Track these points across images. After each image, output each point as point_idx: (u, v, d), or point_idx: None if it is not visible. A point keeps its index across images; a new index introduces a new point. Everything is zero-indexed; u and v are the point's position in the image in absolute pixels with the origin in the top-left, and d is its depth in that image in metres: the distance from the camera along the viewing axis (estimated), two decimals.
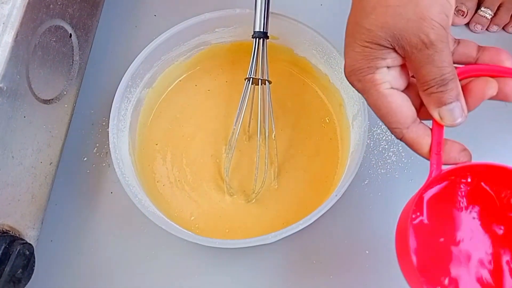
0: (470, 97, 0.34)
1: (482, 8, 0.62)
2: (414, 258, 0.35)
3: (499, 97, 0.34)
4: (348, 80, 0.35)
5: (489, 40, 0.63)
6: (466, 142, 0.37)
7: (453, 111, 0.33)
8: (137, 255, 0.53)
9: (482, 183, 0.38)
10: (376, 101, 0.34)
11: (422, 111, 0.35)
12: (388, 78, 0.34)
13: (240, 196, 0.53)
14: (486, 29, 0.63)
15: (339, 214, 0.53)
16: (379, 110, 0.34)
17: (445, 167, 0.36)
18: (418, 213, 0.37)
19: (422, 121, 0.35)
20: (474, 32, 0.63)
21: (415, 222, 0.37)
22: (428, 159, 0.35)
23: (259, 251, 0.52)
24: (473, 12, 0.62)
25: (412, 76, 0.35)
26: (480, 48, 0.36)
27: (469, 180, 0.38)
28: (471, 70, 0.35)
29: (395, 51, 0.33)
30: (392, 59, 0.33)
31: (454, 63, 0.34)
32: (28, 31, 0.43)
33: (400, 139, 0.35)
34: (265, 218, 0.52)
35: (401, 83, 0.35)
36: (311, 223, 0.44)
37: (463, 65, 0.35)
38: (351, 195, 0.53)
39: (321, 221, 0.45)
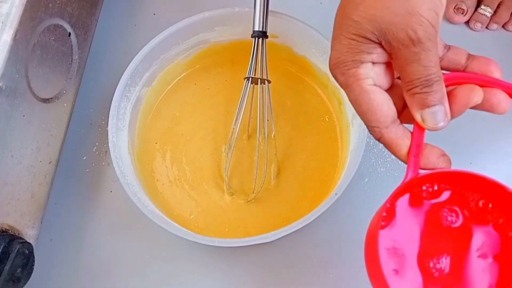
0: (455, 103, 0.33)
1: (482, 6, 0.62)
2: (383, 265, 0.34)
3: (485, 107, 0.34)
4: (332, 73, 0.34)
5: (489, 38, 0.63)
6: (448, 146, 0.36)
7: (436, 114, 0.32)
8: (136, 253, 0.53)
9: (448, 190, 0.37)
10: (357, 96, 0.33)
11: (404, 114, 0.35)
12: (372, 74, 0.33)
13: (240, 195, 0.53)
14: (486, 27, 0.63)
15: (339, 213, 0.53)
16: (359, 106, 0.33)
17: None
18: (391, 217, 0.37)
19: (403, 124, 0.34)
20: (473, 30, 0.63)
21: (387, 228, 0.36)
22: (405, 162, 0.34)
23: (259, 250, 0.52)
24: (473, 10, 0.62)
25: (398, 78, 0.35)
26: (470, 56, 0.35)
27: (438, 187, 0.37)
28: (458, 77, 0.34)
29: (382, 46, 0.32)
30: (378, 54, 0.32)
31: (442, 69, 0.33)
32: (27, 30, 0.43)
33: (378, 140, 0.34)
34: (264, 217, 0.52)
35: (385, 81, 0.34)
36: (311, 222, 0.44)
37: (450, 72, 0.35)
38: (351, 194, 0.53)
39: (321, 219, 0.45)
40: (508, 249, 0.36)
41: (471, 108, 0.34)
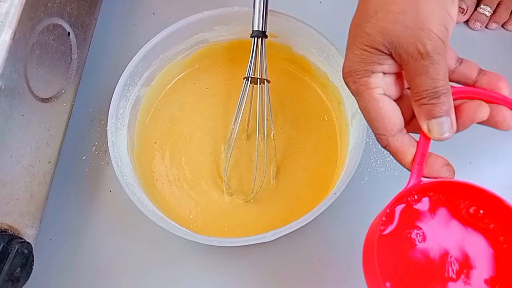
0: (461, 117, 0.34)
1: (482, 6, 0.62)
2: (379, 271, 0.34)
3: (490, 123, 0.34)
4: (344, 81, 0.35)
5: (488, 37, 0.63)
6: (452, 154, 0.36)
7: (442, 125, 0.33)
8: (135, 253, 0.53)
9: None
10: (367, 104, 0.34)
11: (411, 124, 0.36)
12: (382, 84, 0.34)
13: (239, 195, 0.53)
14: (485, 27, 0.63)
15: (338, 213, 0.53)
16: (368, 114, 0.34)
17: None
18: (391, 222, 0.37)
19: (409, 134, 0.35)
20: (473, 30, 0.63)
21: (384, 232, 0.37)
22: (409, 170, 0.35)
23: (258, 250, 0.52)
24: (473, 9, 0.62)
25: (408, 88, 0.35)
26: (481, 71, 0.36)
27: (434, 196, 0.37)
28: (467, 92, 0.35)
29: (392, 57, 0.33)
30: (389, 65, 0.34)
31: (452, 81, 0.34)
32: (26, 29, 0.43)
33: (385, 147, 0.35)
34: (264, 217, 0.52)
35: (394, 91, 0.35)
36: (310, 222, 0.44)
37: (460, 86, 0.35)
38: (350, 193, 0.53)
39: (320, 219, 0.45)
40: (499, 253, 0.37)
41: (477, 123, 0.34)
